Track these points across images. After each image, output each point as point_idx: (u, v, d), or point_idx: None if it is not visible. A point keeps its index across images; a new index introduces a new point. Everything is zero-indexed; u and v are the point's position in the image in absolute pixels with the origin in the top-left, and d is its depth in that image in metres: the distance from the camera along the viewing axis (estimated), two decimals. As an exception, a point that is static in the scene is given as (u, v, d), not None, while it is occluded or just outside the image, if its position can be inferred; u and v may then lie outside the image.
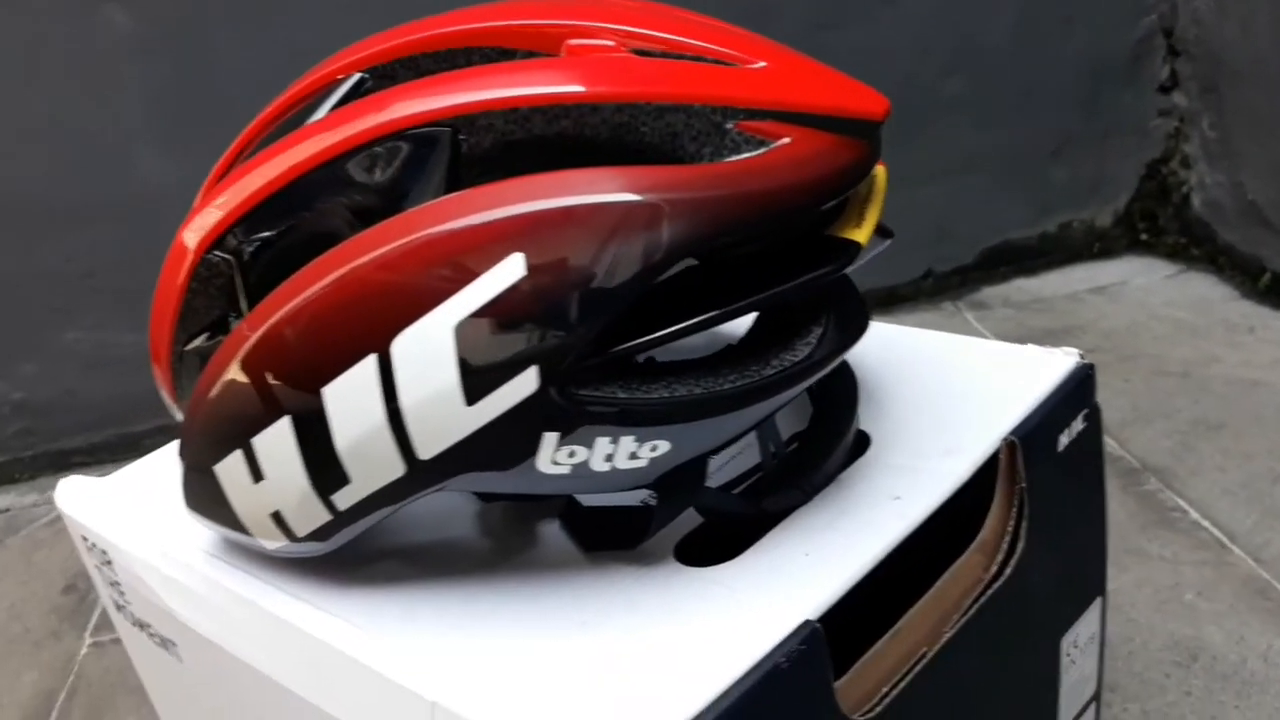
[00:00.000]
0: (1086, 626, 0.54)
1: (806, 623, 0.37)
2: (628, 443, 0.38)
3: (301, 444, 0.39)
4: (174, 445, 0.59)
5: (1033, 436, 0.47)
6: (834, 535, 0.42)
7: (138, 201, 1.13)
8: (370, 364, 0.37)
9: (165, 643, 0.52)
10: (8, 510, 1.12)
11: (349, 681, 0.41)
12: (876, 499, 0.44)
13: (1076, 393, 0.50)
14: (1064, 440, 0.49)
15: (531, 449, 0.38)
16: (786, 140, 0.37)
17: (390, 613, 0.42)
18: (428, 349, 0.36)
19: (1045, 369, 0.51)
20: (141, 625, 0.54)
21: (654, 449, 0.38)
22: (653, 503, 0.43)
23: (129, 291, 1.17)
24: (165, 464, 0.58)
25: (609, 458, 0.38)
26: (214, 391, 0.40)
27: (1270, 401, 0.94)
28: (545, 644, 0.39)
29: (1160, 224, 1.36)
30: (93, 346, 1.17)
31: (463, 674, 0.38)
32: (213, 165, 0.47)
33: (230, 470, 0.41)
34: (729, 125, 0.37)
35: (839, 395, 0.48)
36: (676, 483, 0.41)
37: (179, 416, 0.47)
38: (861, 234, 0.40)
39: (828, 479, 0.45)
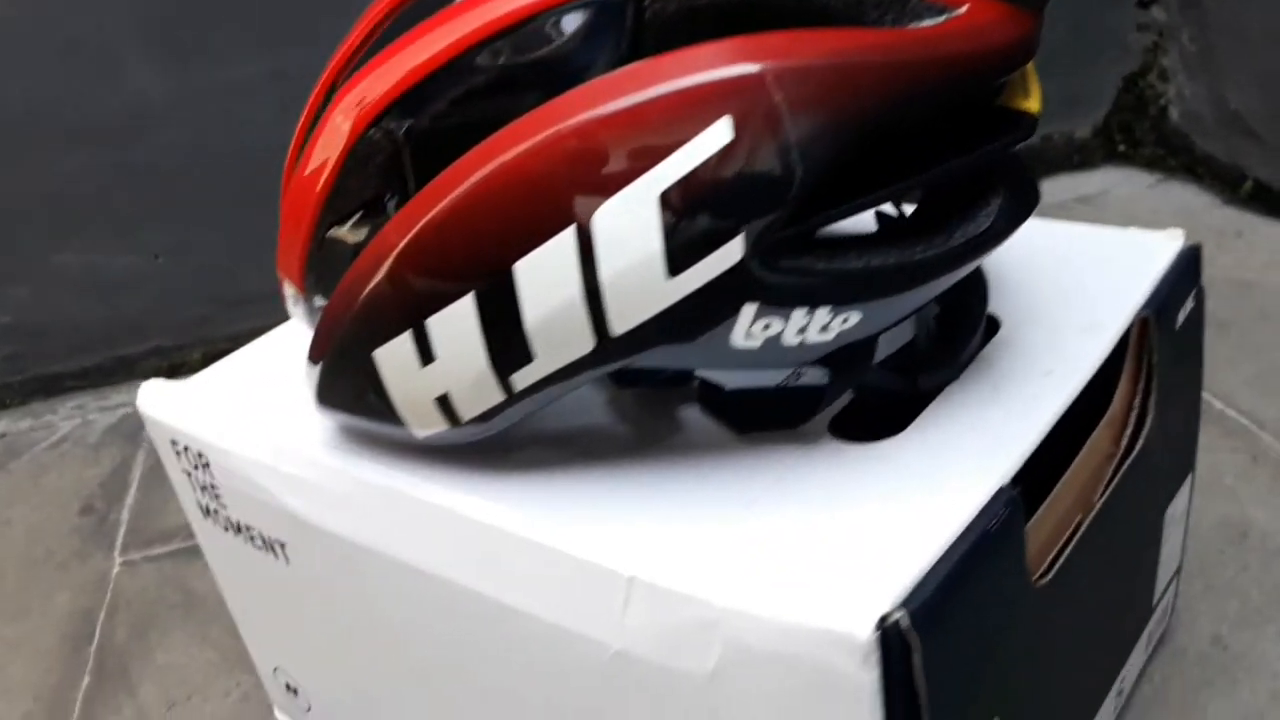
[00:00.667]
0: (1181, 500, 0.55)
1: (1003, 489, 0.37)
2: (823, 314, 0.37)
3: (484, 322, 0.37)
4: (248, 350, 0.57)
5: (1159, 314, 0.47)
6: (996, 410, 0.42)
7: (126, 119, 1.08)
8: (568, 236, 0.35)
9: (270, 545, 0.51)
10: (4, 435, 1.08)
11: (525, 565, 0.40)
12: (1028, 374, 0.44)
13: (1188, 273, 0.50)
14: (1180, 318, 0.50)
15: (728, 323, 0.36)
16: (964, 9, 0.36)
17: (549, 497, 0.41)
18: (631, 220, 0.35)
19: (1157, 250, 0.51)
20: (240, 528, 0.52)
21: (845, 321, 0.37)
22: (818, 381, 0.42)
23: (119, 213, 1.12)
24: (245, 366, 0.56)
25: (802, 330, 0.37)
26: (380, 273, 0.38)
27: (1272, 300, 0.97)
28: (721, 522, 0.38)
29: (1137, 136, 1.37)
30: (83, 269, 1.12)
31: (650, 549, 0.37)
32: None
33: (394, 354, 0.39)
34: None
35: (969, 277, 0.48)
36: (848, 359, 0.40)
37: (296, 312, 0.45)
38: (1033, 104, 0.40)
39: (971, 357, 0.45)
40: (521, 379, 0.38)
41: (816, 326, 0.37)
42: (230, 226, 1.12)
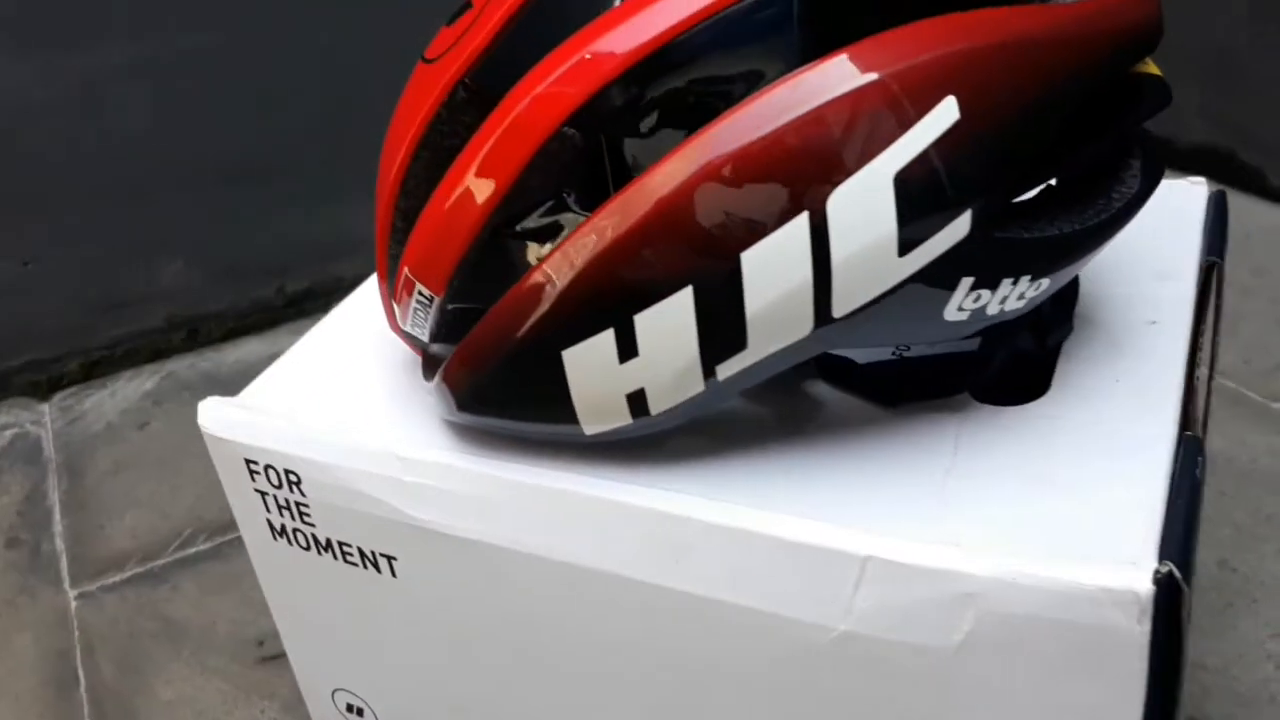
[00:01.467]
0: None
1: (1187, 436, 0.39)
2: (1024, 283, 0.38)
3: (700, 314, 0.36)
4: (296, 356, 0.53)
5: (1215, 257, 0.51)
6: (1126, 361, 0.44)
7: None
8: (801, 223, 0.34)
9: (373, 560, 0.47)
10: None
11: (727, 556, 0.39)
12: (1133, 324, 0.46)
13: (1220, 217, 0.54)
14: (1220, 261, 0.53)
15: (945, 297, 0.37)
16: None
17: (732, 484, 0.40)
18: (866, 203, 0.34)
19: (1190, 196, 0.54)
20: (329, 546, 0.48)
21: (1038, 288, 0.38)
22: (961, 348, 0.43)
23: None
24: (299, 374, 0.51)
25: (1004, 299, 0.38)
26: (578, 272, 0.36)
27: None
28: (929, 494, 0.39)
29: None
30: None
31: (877, 527, 0.37)
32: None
33: (589, 353, 0.37)
34: None
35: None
36: (1008, 326, 0.41)
37: (414, 317, 0.42)
38: (1155, 70, 0.41)
39: (1073, 310, 0.47)
40: (728, 368, 0.37)
41: (1016, 295, 0.38)
42: (105, 226, 1.03)
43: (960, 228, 0.35)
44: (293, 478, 0.47)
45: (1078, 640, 0.35)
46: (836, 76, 0.34)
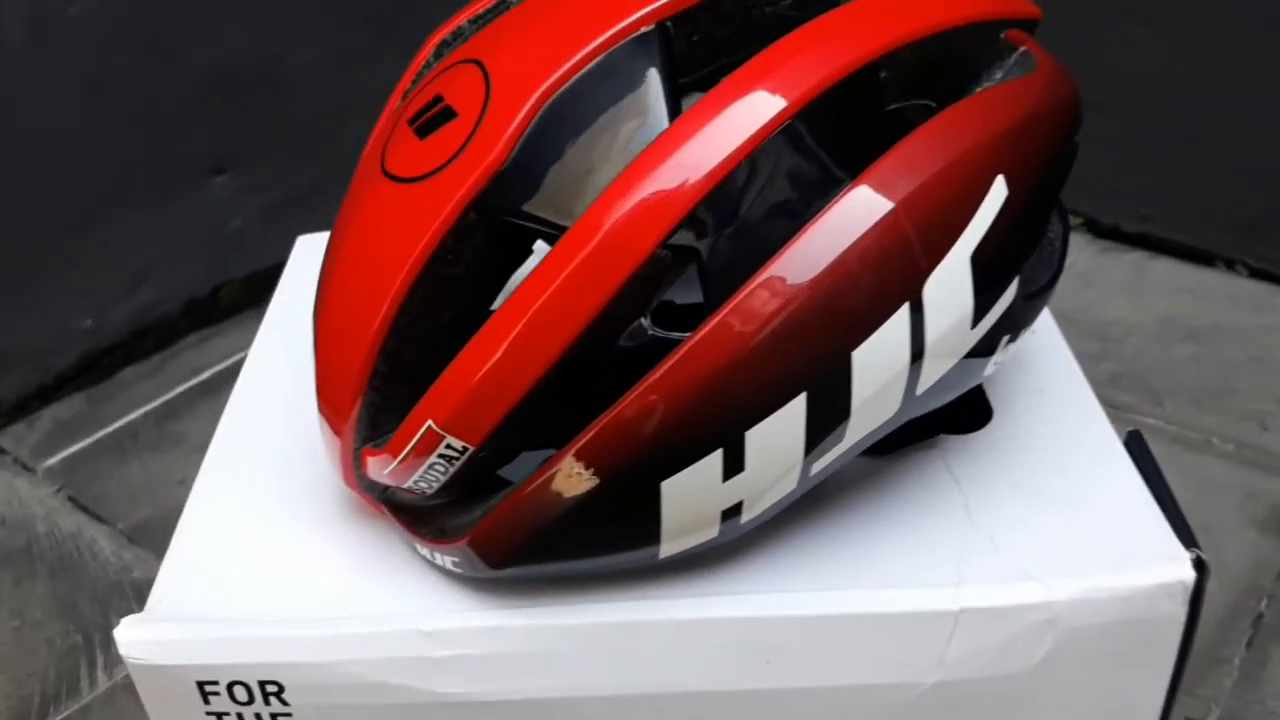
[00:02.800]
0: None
1: (1131, 432, 0.45)
2: (1025, 335, 0.41)
3: (812, 416, 0.35)
4: (197, 533, 0.44)
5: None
6: (1033, 373, 0.49)
7: None
8: (904, 313, 0.35)
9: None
10: None
11: (809, 644, 0.39)
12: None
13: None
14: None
15: (989, 358, 0.39)
16: (1040, 62, 0.41)
17: (778, 571, 0.40)
18: (952, 285, 0.36)
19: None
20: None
21: (1032, 334, 0.42)
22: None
23: None
24: (223, 560, 0.42)
25: (1005, 351, 0.41)
26: (680, 398, 0.34)
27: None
28: (971, 531, 0.41)
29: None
30: None
31: (956, 577, 0.39)
32: None
33: (691, 478, 0.35)
34: (1002, 38, 0.41)
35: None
36: None
37: (373, 489, 0.37)
38: None
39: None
40: (823, 461, 0.37)
41: (1015, 346, 0.41)
42: None
43: (1010, 293, 0.37)
44: (271, 689, 0.39)
45: (1131, 633, 0.39)
46: (914, 166, 0.35)
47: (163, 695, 0.40)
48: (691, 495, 0.36)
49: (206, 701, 0.40)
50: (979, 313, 0.37)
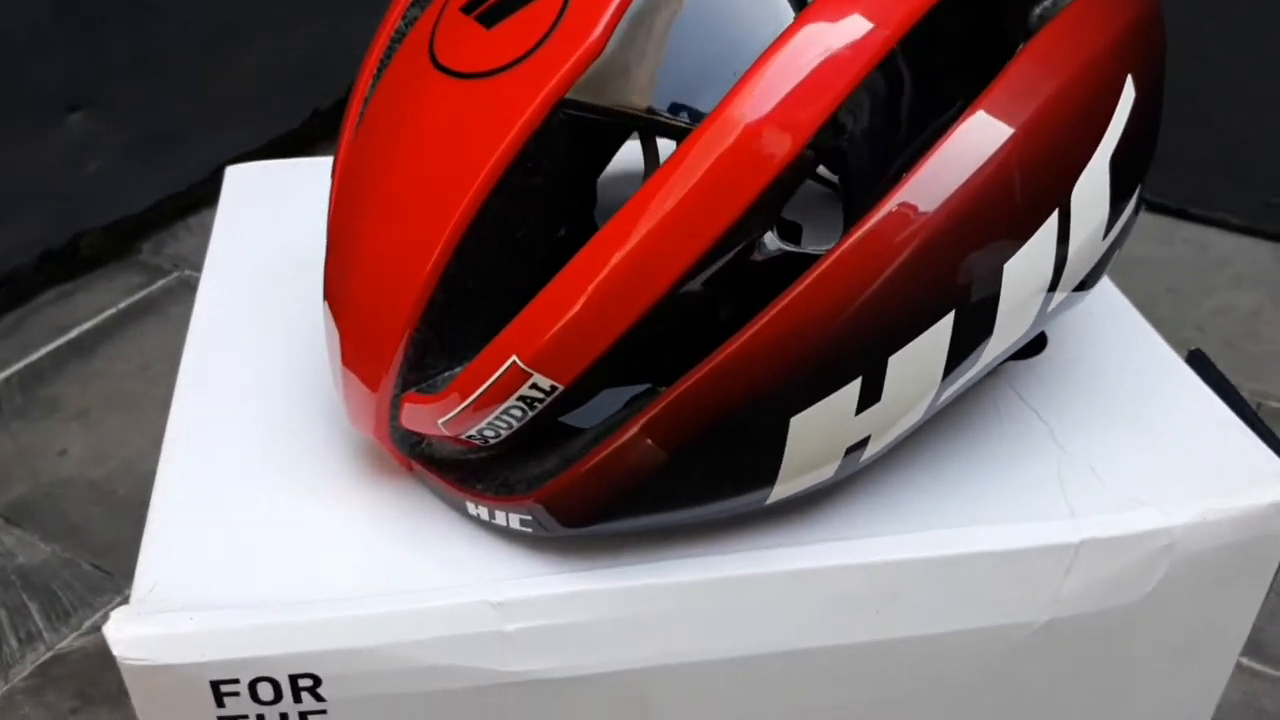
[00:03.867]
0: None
1: (1193, 350, 0.42)
2: None
3: (957, 336, 0.30)
4: (164, 522, 0.36)
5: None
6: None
7: None
8: (1054, 219, 0.30)
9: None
10: None
11: (922, 590, 0.34)
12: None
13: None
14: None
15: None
16: None
17: (876, 515, 0.35)
18: (1093, 189, 0.32)
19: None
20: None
21: None
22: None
23: None
24: (204, 542, 0.35)
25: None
26: (817, 322, 0.28)
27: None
28: (1062, 460, 0.37)
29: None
30: None
31: (1068, 509, 0.35)
32: None
33: (824, 412, 0.30)
34: None
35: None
36: None
37: (410, 444, 0.31)
38: None
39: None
40: (950, 391, 0.32)
41: None
42: None
43: (1134, 199, 0.34)
44: (304, 683, 0.32)
45: (1240, 555, 0.37)
46: (1045, 74, 0.30)
47: (163, 700, 0.32)
48: (821, 431, 0.30)
49: (221, 704, 0.32)
50: (1110, 221, 0.33)
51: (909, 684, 0.36)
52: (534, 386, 0.30)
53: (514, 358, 0.30)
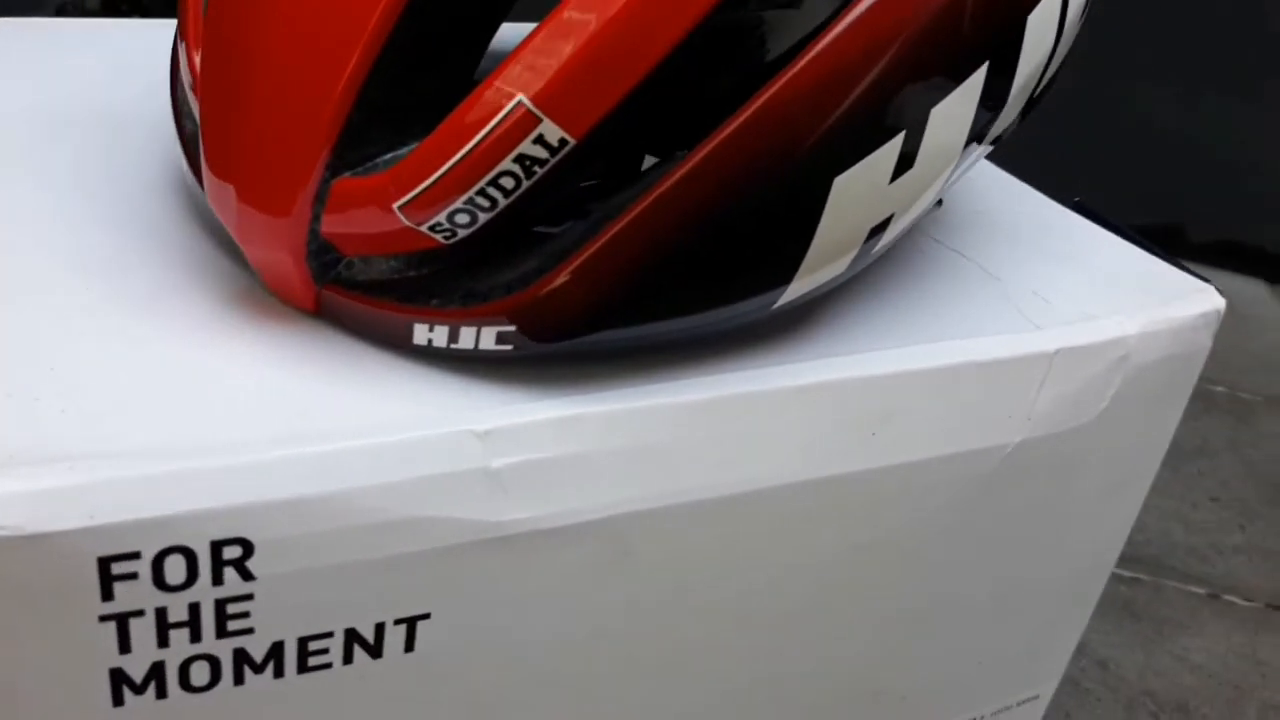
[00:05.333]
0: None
1: (1072, 200, 0.43)
2: None
3: (984, 95, 0.27)
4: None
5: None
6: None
7: None
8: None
9: (371, 642, 0.26)
10: None
11: (932, 405, 0.32)
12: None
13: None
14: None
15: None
16: None
17: (841, 332, 0.32)
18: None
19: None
20: (280, 656, 0.25)
21: None
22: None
23: None
24: (61, 386, 0.25)
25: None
26: (869, 63, 0.25)
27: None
28: (1002, 290, 0.36)
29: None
30: None
31: (1041, 318, 0.34)
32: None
33: (866, 173, 0.26)
34: None
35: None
36: None
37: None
38: None
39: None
40: (961, 170, 0.30)
41: None
42: None
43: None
44: (230, 553, 0.24)
45: (1174, 369, 0.37)
46: None
47: (20, 596, 0.22)
48: (856, 199, 0.27)
49: (108, 594, 0.23)
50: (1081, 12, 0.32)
51: (886, 524, 0.33)
52: (540, 140, 0.24)
53: (520, 96, 0.24)
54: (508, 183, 0.25)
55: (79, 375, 0.25)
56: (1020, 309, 0.35)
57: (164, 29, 0.45)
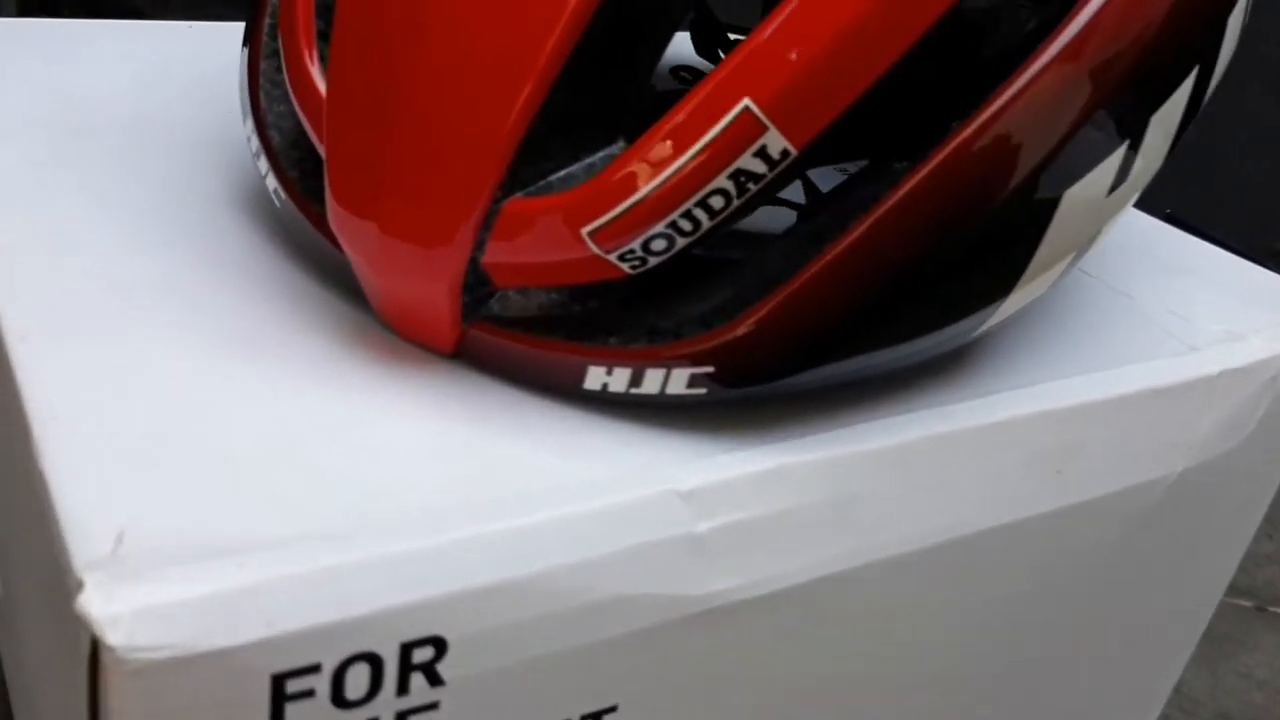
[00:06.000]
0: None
1: (1164, 213, 0.41)
2: None
3: (1192, 98, 0.25)
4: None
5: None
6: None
7: None
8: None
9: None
10: None
11: (1113, 436, 0.29)
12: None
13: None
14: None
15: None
16: None
17: (1004, 367, 0.29)
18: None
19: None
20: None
21: None
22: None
23: None
24: (173, 455, 0.21)
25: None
26: (1113, 62, 0.22)
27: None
28: (1140, 310, 0.34)
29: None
30: None
31: (1167, 347, 0.32)
32: None
33: (1093, 184, 0.23)
34: None
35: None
36: None
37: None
38: None
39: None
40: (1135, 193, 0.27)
41: None
42: None
43: None
44: (421, 655, 0.19)
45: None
46: None
47: (188, 713, 0.18)
48: (1079, 214, 0.24)
49: (280, 714, 0.19)
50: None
51: (1059, 566, 0.31)
52: (760, 152, 0.21)
53: (747, 100, 0.20)
54: (716, 202, 0.21)
55: (222, 441, 0.21)
56: (1166, 329, 0.33)
57: (164, 29, 0.40)
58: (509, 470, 0.22)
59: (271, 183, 0.27)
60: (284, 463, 0.21)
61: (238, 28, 0.43)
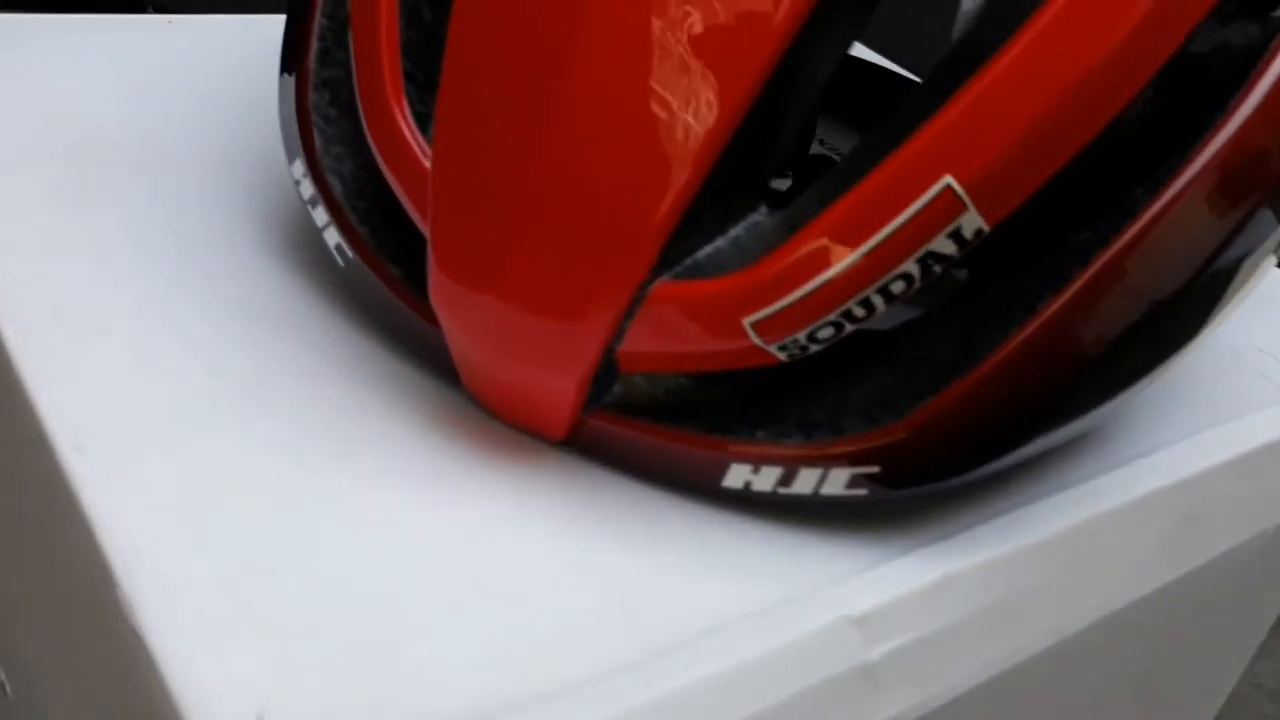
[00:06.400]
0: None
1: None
2: None
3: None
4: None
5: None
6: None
7: None
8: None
9: None
10: None
11: (1235, 490, 0.27)
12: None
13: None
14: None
15: None
16: None
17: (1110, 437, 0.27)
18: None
19: None
20: None
21: None
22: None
23: None
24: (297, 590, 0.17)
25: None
26: None
27: None
28: (1218, 355, 0.32)
29: None
30: None
31: (1263, 397, 0.30)
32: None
33: (1263, 252, 0.21)
34: None
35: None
36: None
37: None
38: None
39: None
40: None
41: None
42: None
43: None
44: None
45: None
46: None
47: None
48: (1248, 279, 0.22)
49: None
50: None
51: (1177, 630, 0.29)
52: (955, 234, 0.18)
53: (948, 178, 0.18)
54: (897, 287, 0.19)
55: (343, 581, 0.18)
56: (1259, 371, 0.31)
57: (161, 28, 0.36)
58: (664, 605, 0.19)
59: (333, 237, 0.23)
60: (423, 604, 0.18)
61: (219, 19, 0.38)
